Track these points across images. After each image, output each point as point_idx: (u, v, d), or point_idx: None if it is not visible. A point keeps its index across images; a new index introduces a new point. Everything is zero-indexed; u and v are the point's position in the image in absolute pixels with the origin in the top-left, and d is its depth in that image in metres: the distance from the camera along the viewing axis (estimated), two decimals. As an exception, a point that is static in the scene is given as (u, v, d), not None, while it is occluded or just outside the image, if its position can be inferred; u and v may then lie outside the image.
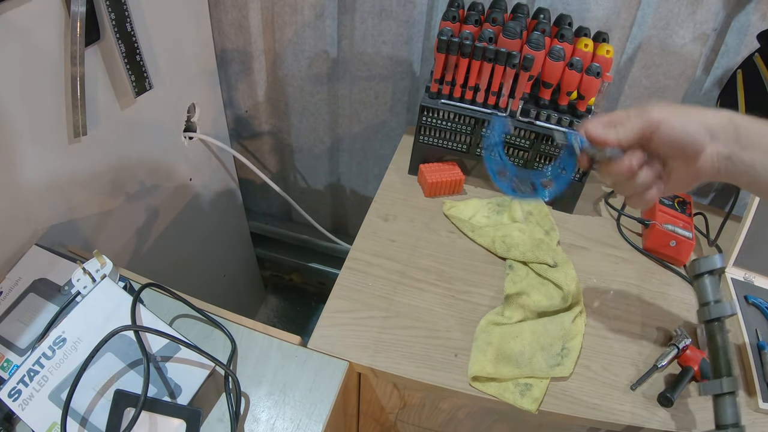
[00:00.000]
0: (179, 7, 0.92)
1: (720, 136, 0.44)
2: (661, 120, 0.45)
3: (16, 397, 0.52)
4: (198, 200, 1.16)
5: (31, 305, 0.63)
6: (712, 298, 0.57)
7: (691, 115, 0.45)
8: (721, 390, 0.53)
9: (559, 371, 0.64)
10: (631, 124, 0.46)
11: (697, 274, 0.59)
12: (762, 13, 0.82)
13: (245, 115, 1.26)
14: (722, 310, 0.56)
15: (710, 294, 0.58)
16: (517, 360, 0.65)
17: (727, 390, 0.53)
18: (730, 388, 0.53)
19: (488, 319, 0.70)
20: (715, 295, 0.58)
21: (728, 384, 0.53)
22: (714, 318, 0.57)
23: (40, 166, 0.70)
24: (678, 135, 0.45)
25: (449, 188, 0.90)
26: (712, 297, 0.57)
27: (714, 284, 0.58)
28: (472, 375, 0.63)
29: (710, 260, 0.58)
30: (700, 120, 0.44)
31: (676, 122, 0.45)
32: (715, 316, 0.56)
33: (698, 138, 0.44)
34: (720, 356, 0.55)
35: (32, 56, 0.64)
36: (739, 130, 0.44)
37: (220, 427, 0.55)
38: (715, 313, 0.56)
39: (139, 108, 0.86)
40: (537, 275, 0.77)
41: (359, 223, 0.83)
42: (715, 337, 0.56)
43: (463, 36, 0.77)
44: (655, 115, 0.45)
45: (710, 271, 0.58)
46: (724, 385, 0.53)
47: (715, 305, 0.57)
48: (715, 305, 0.57)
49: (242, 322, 0.65)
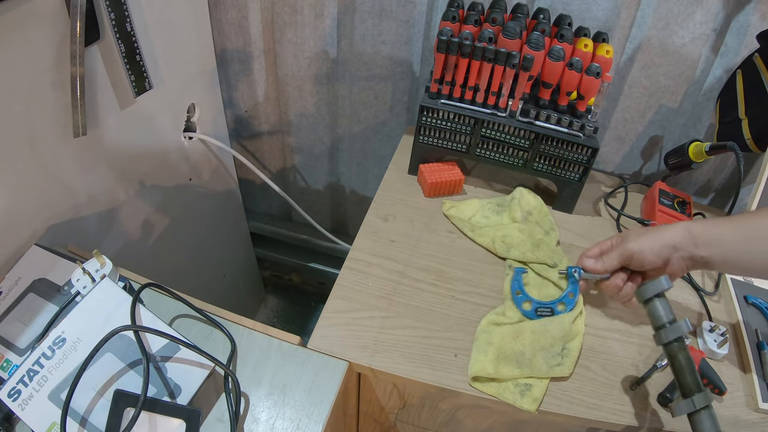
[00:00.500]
0: (179, 7, 0.92)
1: (680, 246, 0.59)
2: (634, 251, 0.62)
3: (15, 397, 0.52)
4: (198, 200, 1.16)
5: (31, 305, 0.63)
6: (666, 320, 0.57)
7: (656, 239, 0.61)
8: (695, 407, 0.52)
9: (560, 371, 0.64)
10: (611, 258, 0.64)
11: (647, 299, 0.58)
12: (762, 14, 0.82)
13: (245, 115, 1.26)
14: (679, 330, 0.55)
15: (663, 316, 0.57)
16: (518, 360, 0.65)
17: (701, 406, 0.52)
18: (703, 404, 0.52)
19: (489, 319, 0.70)
20: (668, 317, 0.57)
21: (701, 400, 0.52)
22: (673, 339, 0.56)
23: (39, 166, 0.69)
24: (649, 260, 0.61)
25: (449, 188, 0.90)
26: (666, 319, 0.57)
27: (665, 306, 0.57)
28: (473, 375, 0.63)
29: (656, 284, 0.58)
30: (664, 242, 0.60)
31: (648, 254, 0.61)
32: (674, 338, 0.55)
33: (664, 257, 0.60)
34: (686, 375, 0.54)
35: (32, 56, 0.64)
36: (695, 237, 0.59)
37: (220, 427, 0.55)
38: (673, 335, 0.56)
39: (139, 108, 0.86)
40: (537, 275, 0.77)
41: (359, 223, 0.83)
42: (677, 357, 0.55)
43: (462, 36, 0.77)
44: (630, 249, 0.62)
45: (658, 294, 0.58)
46: (697, 403, 0.52)
47: (671, 327, 0.56)
48: (671, 327, 0.56)
49: (242, 322, 0.65)
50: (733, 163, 1.02)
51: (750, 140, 0.86)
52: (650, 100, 0.97)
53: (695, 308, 0.78)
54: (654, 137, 1.03)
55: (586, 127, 0.81)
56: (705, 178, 1.06)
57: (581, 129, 0.81)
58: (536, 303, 0.71)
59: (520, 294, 0.72)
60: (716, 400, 0.65)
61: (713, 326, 0.71)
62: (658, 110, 0.98)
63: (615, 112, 1.01)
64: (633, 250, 0.61)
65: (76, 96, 0.69)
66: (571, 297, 0.70)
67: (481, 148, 0.87)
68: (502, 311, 0.71)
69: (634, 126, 1.02)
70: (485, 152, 0.87)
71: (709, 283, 0.82)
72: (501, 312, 0.71)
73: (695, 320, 0.75)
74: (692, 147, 0.89)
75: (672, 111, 0.98)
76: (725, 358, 0.70)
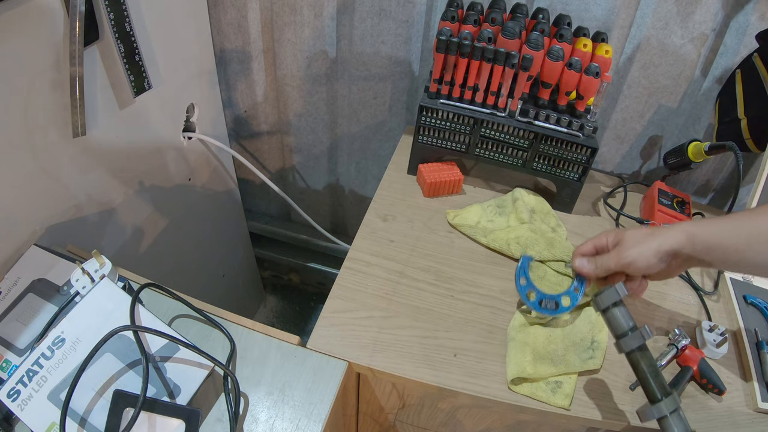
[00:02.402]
0: (178, 7, 0.92)
1: (680, 252, 0.58)
2: (630, 261, 0.59)
3: (15, 397, 0.52)
4: (197, 200, 1.16)
5: (30, 305, 0.63)
6: (626, 328, 0.56)
7: (653, 247, 0.58)
8: (664, 413, 0.52)
9: (592, 364, 0.65)
10: (607, 263, 0.61)
11: (604, 309, 0.57)
12: (761, 14, 0.83)
13: (244, 115, 1.26)
14: (640, 338, 0.55)
15: (623, 324, 0.56)
16: (552, 358, 0.65)
17: (669, 411, 0.52)
18: (672, 408, 0.52)
19: (519, 319, 0.70)
20: (628, 324, 0.56)
21: (669, 405, 0.52)
22: (635, 348, 0.55)
23: (38, 166, 0.69)
24: (645, 267, 0.59)
25: (448, 188, 0.90)
26: (626, 327, 0.56)
27: (624, 314, 0.56)
28: (514, 376, 0.63)
29: (611, 292, 0.57)
30: (663, 249, 0.58)
31: (643, 262, 0.58)
32: (636, 346, 0.55)
33: (661, 263, 0.59)
34: (651, 381, 0.54)
35: (31, 56, 0.64)
36: (695, 240, 0.57)
37: (219, 427, 0.55)
38: (635, 343, 0.55)
39: (138, 108, 0.86)
40: (555, 273, 0.77)
41: (358, 223, 0.83)
42: (640, 364, 0.55)
43: (462, 36, 0.77)
44: (626, 258, 0.59)
45: (615, 303, 0.57)
46: (665, 408, 0.52)
47: (632, 334, 0.55)
48: (632, 334, 0.55)
49: (241, 322, 0.65)
50: (733, 163, 1.02)
51: (749, 140, 0.87)
52: (649, 100, 0.97)
53: (694, 308, 0.78)
54: (653, 137, 1.03)
55: (586, 126, 0.81)
56: (704, 178, 1.06)
57: (580, 129, 0.81)
58: (540, 295, 0.69)
59: (525, 283, 0.69)
60: (716, 400, 0.65)
61: (712, 326, 0.71)
62: (658, 110, 0.98)
63: (614, 112, 1.01)
64: (630, 259, 0.59)
65: (75, 96, 0.69)
66: (576, 292, 0.68)
67: (481, 148, 0.87)
68: (528, 309, 0.71)
69: (634, 126, 1.02)
70: (484, 152, 0.88)
71: (708, 282, 0.82)
72: (527, 311, 0.71)
73: (695, 320, 0.75)
74: (691, 147, 0.89)
75: (671, 111, 0.98)
76: (724, 357, 0.70)
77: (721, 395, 0.65)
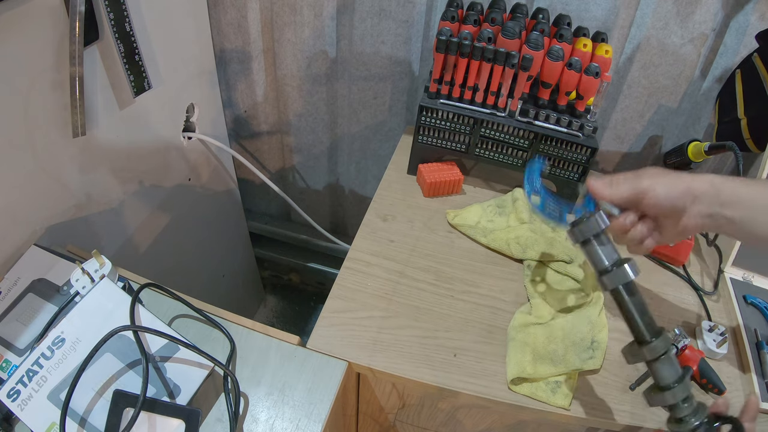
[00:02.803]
0: (178, 7, 0.92)
1: (702, 198, 0.51)
2: (647, 188, 0.53)
3: (15, 397, 0.52)
4: (197, 200, 1.16)
5: (30, 305, 0.63)
6: (610, 262, 0.51)
7: (675, 182, 0.52)
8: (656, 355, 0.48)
9: (592, 364, 0.65)
10: (622, 188, 0.54)
11: (583, 241, 0.53)
12: (761, 14, 0.83)
13: (244, 115, 1.26)
14: (626, 275, 0.50)
15: (606, 258, 0.51)
16: (552, 359, 0.65)
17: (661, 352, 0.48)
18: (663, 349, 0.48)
19: (519, 320, 0.70)
20: (612, 258, 0.51)
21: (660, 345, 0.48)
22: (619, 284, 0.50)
23: (38, 165, 0.69)
24: (662, 200, 0.52)
25: (448, 188, 0.90)
26: (609, 260, 0.51)
27: (606, 247, 0.51)
28: (514, 376, 0.63)
29: (592, 222, 0.51)
30: (683, 187, 0.52)
31: (661, 190, 0.52)
32: (623, 282, 0.50)
33: (680, 203, 0.52)
34: (638, 320, 0.50)
35: (31, 56, 0.64)
36: (720, 191, 0.51)
37: (219, 427, 0.55)
38: (621, 279, 0.50)
39: (138, 108, 0.86)
40: (556, 273, 0.77)
41: (358, 223, 0.83)
42: (626, 302, 0.50)
43: (462, 36, 0.77)
44: (644, 184, 0.53)
45: (596, 235, 0.52)
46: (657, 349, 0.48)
47: (617, 270, 0.50)
48: (617, 270, 0.50)
49: (241, 322, 0.65)
50: (732, 163, 1.02)
51: (749, 140, 0.87)
52: (649, 100, 0.97)
53: (694, 308, 0.78)
54: (653, 137, 1.03)
55: (585, 126, 0.81)
56: (704, 178, 1.06)
57: (580, 129, 0.81)
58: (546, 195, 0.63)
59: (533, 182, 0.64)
60: (716, 400, 0.65)
61: (712, 326, 0.71)
62: (657, 110, 0.98)
63: (614, 112, 1.01)
64: (646, 187, 0.53)
65: (75, 96, 0.69)
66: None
67: (481, 148, 0.87)
68: (528, 310, 0.71)
69: (633, 126, 1.02)
70: (484, 152, 0.88)
71: (708, 282, 0.82)
72: (527, 311, 0.71)
73: (694, 320, 0.75)
74: (691, 147, 0.89)
75: (671, 111, 0.98)
76: (724, 357, 0.70)
77: (721, 395, 0.65)
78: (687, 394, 0.49)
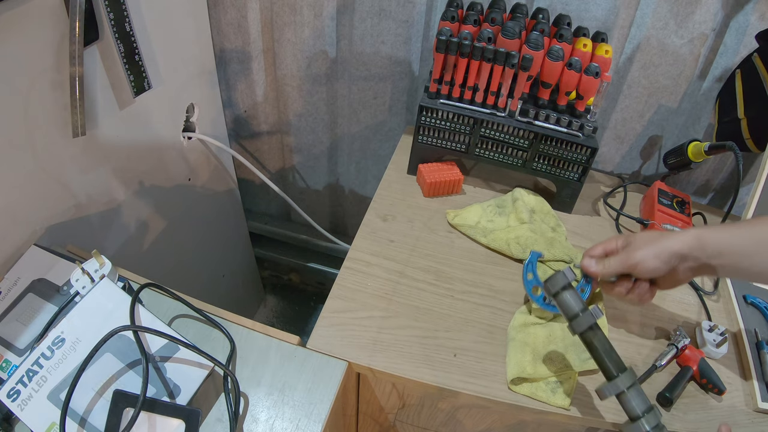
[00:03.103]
0: (178, 7, 0.92)
1: (689, 255, 0.57)
2: (638, 262, 0.58)
3: (15, 397, 0.52)
4: (197, 200, 1.16)
5: (30, 305, 0.63)
6: (577, 309, 0.57)
7: (663, 249, 0.57)
8: (622, 388, 0.53)
9: (591, 364, 0.64)
10: (612, 265, 0.60)
11: (554, 293, 0.58)
12: (761, 14, 0.83)
13: (244, 115, 1.26)
14: (590, 318, 0.56)
15: (574, 306, 0.57)
16: (552, 358, 0.65)
17: (626, 386, 0.53)
18: (629, 383, 0.53)
19: (519, 320, 0.70)
20: (578, 306, 0.57)
21: (625, 380, 0.53)
22: (587, 328, 0.56)
23: (38, 165, 0.69)
24: (653, 270, 0.57)
25: (448, 188, 0.90)
26: (577, 308, 0.57)
27: (574, 296, 0.57)
28: (514, 376, 0.63)
29: (559, 277, 0.57)
30: (670, 251, 0.57)
31: (651, 263, 0.57)
32: (588, 326, 0.56)
33: (669, 266, 0.57)
34: (605, 359, 0.55)
35: (31, 56, 0.64)
36: (705, 245, 0.56)
37: (219, 427, 0.55)
38: (587, 323, 0.56)
39: (138, 108, 0.86)
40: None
41: (358, 223, 0.83)
42: (593, 343, 0.56)
43: (462, 36, 0.77)
44: (634, 258, 0.58)
45: (564, 287, 0.57)
46: (621, 383, 0.53)
47: (583, 315, 0.56)
48: (583, 315, 0.56)
49: (241, 322, 0.65)
50: (732, 163, 1.02)
51: (749, 140, 0.87)
52: (649, 100, 0.97)
53: (694, 308, 0.78)
54: (653, 137, 1.03)
55: (585, 126, 0.81)
56: (704, 178, 1.06)
57: (580, 129, 0.81)
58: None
59: (532, 278, 0.70)
60: (716, 400, 0.65)
61: (712, 326, 0.71)
62: (657, 110, 0.98)
63: (614, 112, 1.01)
64: (637, 260, 0.58)
65: (75, 96, 0.69)
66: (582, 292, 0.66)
67: (481, 148, 0.87)
68: (528, 310, 0.71)
69: (633, 126, 1.02)
70: (484, 152, 0.88)
71: (708, 282, 0.82)
72: (526, 311, 0.71)
73: (694, 320, 0.75)
74: (691, 147, 0.89)
75: (671, 111, 0.98)
76: (724, 357, 0.70)
77: (721, 395, 0.65)
78: (656, 422, 0.52)
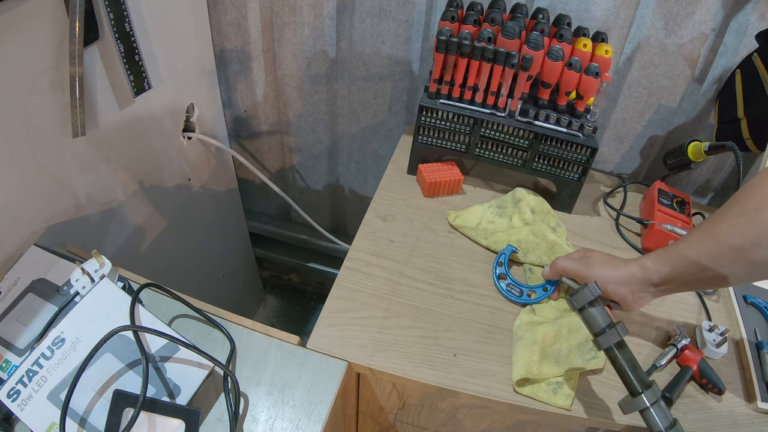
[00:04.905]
0: (178, 7, 0.92)
1: (637, 286, 0.61)
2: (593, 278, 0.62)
3: (15, 397, 0.52)
4: (197, 200, 1.16)
5: (30, 305, 0.63)
6: (604, 325, 0.56)
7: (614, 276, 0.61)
8: (646, 405, 0.53)
9: (595, 364, 0.65)
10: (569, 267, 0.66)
11: (580, 308, 0.58)
12: (761, 14, 0.83)
13: (244, 115, 1.26)
14: (617, 335, 0.55)
15: (601, 322, 0.57)
16: (556, 359, 0.65)
17: (651, 402, 0.53)
18: (653, 400, 0.53)
19: (524, 319, 0.70)
20: (605, 321, 0.57)
21: (650, 396, 0.53)
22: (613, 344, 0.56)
23: (38, 165, 0.69)
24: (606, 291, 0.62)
25: (448, 188, 0.90)
26: (603, 324, 0.57)
27: (600, 312, 0.57)
28: (520, 377, 0.62)
29: (585, 292, 0.57)
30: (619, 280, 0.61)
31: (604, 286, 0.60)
32: (615, 342, 0.56)
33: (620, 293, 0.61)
34: (630, 375, 0.55)
35: (31, 56, 0.64)
36: (650, 278, 0.60)
37: (219, 427, 0.55)
38: (612, 339, 0.56)
39: (138, 108, 0.86)
40: None
41: (358, 223, 0.83)
42: (618, 359, 0.55)
43: (462, 36, 0.77)
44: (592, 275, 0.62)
45: (590, 302, 0.57)
46: (647, 399, 0.53)
47: (609, 332, 0.56)
48: (609, 332, 0.56)
49: (241, 322, 0.65)
50: (732, 163, 1.02)
51: (749, 140, 0.87)
52: (649, 100, 0.97)
53: (694, 308, 0.78)
54: (653, 137, 1.03)
55: (585, 126, 0.81)
56: (704, 178, 1.06)
57: (580, 129, 0.81)
58: (510, 279, 0.75)
59: (502, 268, 0.76)
60: (716, 400, 0.65)
61: (712, 326, 0.71)
62: (657, 110, 0.98)
63: (614, 112, 1.01)
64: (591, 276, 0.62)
65: (75, 96, 0.69)
66: (545, 291, 0.73)
67: (480, 148, 0.87)
68: (532, 309, 0.71)
69: (633, 126, 1.02)
70: (484, 152, 0.88)
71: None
72: (531, 310, 0.71)
73: (694, 320, 0.75)
74: (691, 147, 0.89)
75: (671, 111, 0.98)
76: (724, 357, 0.70)
77: (721, 395, 0.65)
78: None
